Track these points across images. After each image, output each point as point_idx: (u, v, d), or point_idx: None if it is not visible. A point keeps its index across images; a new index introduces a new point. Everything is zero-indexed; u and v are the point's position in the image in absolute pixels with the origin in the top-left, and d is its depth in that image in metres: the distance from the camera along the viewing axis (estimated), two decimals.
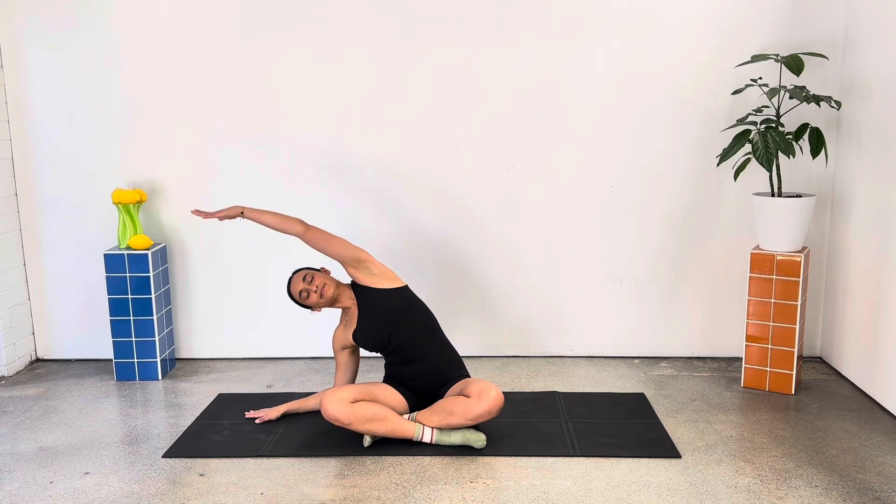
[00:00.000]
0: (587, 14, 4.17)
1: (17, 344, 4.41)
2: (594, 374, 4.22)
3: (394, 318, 3.48)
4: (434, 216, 4.38)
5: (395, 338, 3.47)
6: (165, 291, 4.35)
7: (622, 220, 4.35)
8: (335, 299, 3.52)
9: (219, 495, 2.96)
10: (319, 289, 3.48)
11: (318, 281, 3.49)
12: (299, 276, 3.53)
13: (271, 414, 3.61)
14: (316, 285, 3.48)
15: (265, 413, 3.62)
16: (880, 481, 3.01)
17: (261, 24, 4.22)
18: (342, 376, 3.65)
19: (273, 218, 3.58)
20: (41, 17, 4.22)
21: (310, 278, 3.50)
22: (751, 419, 3.61)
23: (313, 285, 3.48)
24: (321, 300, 3.48)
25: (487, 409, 3.25)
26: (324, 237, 3.54)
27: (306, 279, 3.50)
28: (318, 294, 3.48)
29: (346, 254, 3.51)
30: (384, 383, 3.51)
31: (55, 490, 3.03)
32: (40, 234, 4.44)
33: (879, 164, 3.77)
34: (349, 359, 3.65)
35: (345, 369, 3.66)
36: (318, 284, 3.49)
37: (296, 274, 3.56)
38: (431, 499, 2.91)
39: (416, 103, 4.27)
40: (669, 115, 4.24)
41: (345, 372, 3.66)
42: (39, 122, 4.32)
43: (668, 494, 2.93)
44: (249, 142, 4.32)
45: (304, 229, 3.54)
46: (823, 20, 4.12)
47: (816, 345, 4.43)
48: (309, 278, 3.50)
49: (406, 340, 3.47)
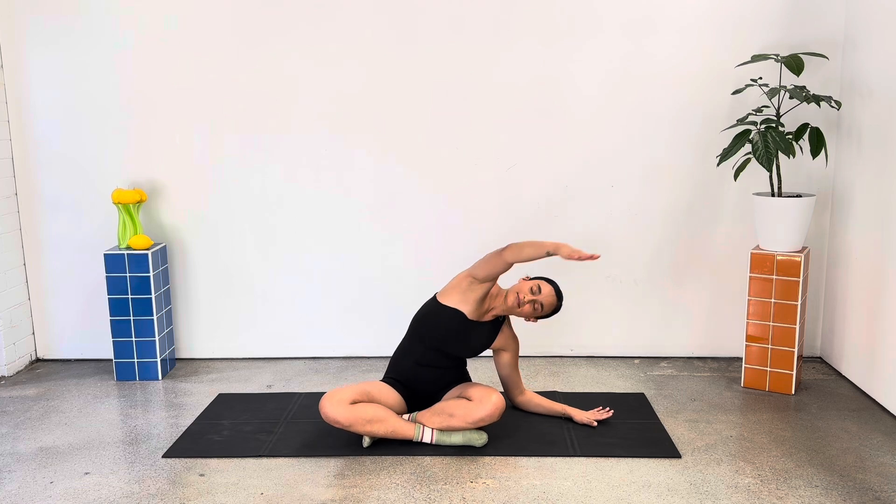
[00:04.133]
0: (587, 14, 4.17)
1: (17, 344, 4.41)
2: (594, 374, 4.22)
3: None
4: (434, 216, 4.38)
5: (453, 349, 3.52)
6: (165, 291, 4.35)
7: (622, 220, 4.35)
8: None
9: (219, 495, 2.96)
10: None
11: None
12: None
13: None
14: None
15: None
16: (880, 481, 3.01)
17: (261, 25, 4.22)
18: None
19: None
20: (41, 16, 4.22)
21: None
22: (751, 419, 3.61)
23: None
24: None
25: (489, 414, 3.25)
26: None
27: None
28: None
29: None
30: (382, 382, 3.49)
31: (55, 490, 3.03)
32: (40, 234, 4.44)
33: (879, 163, 3.77)
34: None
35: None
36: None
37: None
38: (431, 499, 2.91)
39: (416, 103, 4.27)
40: (669, 114, 4.24)
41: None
42: (39, 122, 4.32)
43: (668, 494, 2.93)
44: (249, 142, 4.32)
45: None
46: (823, 20, 4.12)
47: (816, 345, 4.43)
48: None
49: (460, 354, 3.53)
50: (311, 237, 4.41)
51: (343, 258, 4.43)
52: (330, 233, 4.40)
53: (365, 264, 4.43)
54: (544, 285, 3.47)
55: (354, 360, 4.48)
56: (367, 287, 4.45)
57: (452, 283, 3.48)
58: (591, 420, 3.51)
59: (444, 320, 3.43)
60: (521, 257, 3.35)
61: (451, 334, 3.43)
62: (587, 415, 3.54)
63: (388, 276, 4.44)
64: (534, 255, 3.33)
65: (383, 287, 4.45)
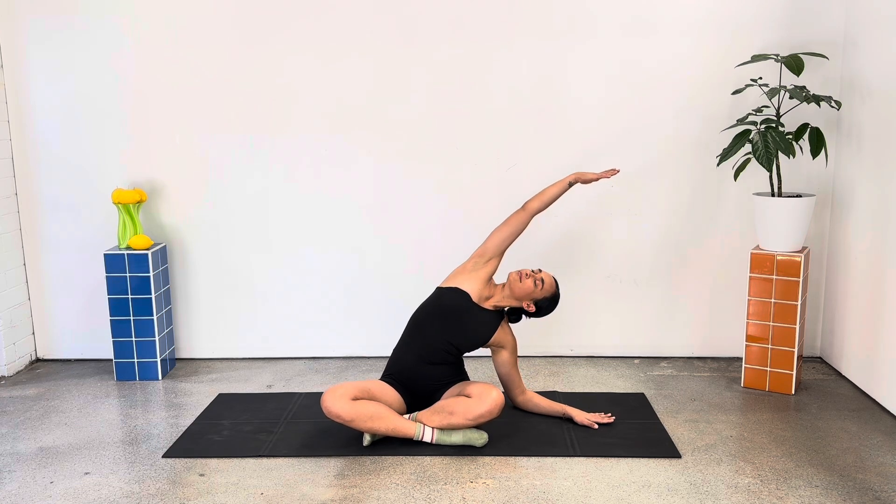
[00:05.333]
0: (588, 14, 4.17)
1: (17, 344, 4.41)
2: (594, 374, 4.22)
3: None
4: (434, 216, 4.38)
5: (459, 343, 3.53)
6: (165, 291, 4.35)
7: (622, 220, 4.35)
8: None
9: (219, 495, 2.96)
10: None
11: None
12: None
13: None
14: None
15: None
16: (880, 481, 3.01)
17: (261, 24, 4.22)
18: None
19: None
20: (41, 16, 4.22)
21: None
22: (751, 419, 3.61)
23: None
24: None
25: (489, 410, 3.25)
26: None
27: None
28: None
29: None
30: (382, 381, 3.49)
31: (55, 490, 3.03)
32: (40, 234, 4.44)
33: (879, 164, 3.77)
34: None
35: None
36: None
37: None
38: (431, 499, 2.91)
39: (416, 103, 4.27)
40: (669, 114, 4.24)
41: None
42: (39, 122, 4.32)
43: (668, 494, 2.93)
44: (249, 142, 4.32)
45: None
46: (823, 20, 4.12)
47: (816, 345, 4.43)
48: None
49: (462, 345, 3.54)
50: (312, 237, 4.41)
51: (343, 258, 4.43)
52: (330, 232, 4.40)
53: (365, 264, 4.43)
54: (543, 272, 3.56)
55: (354, 360, 4.48)
56: (368, 287, 4.45)
57: (456, 271, 3.60)
58: (592, 422, 3.51)
59: (446, 299, 3.50)
60: (545, 199, 3.59)
61: (453, 313, 3.46)
62: (588, 416, 3.54)
63: (388, 276, 4.44)
64: (557, 193, 3.61)
65: (383, 287, 4.45)
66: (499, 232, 3.61)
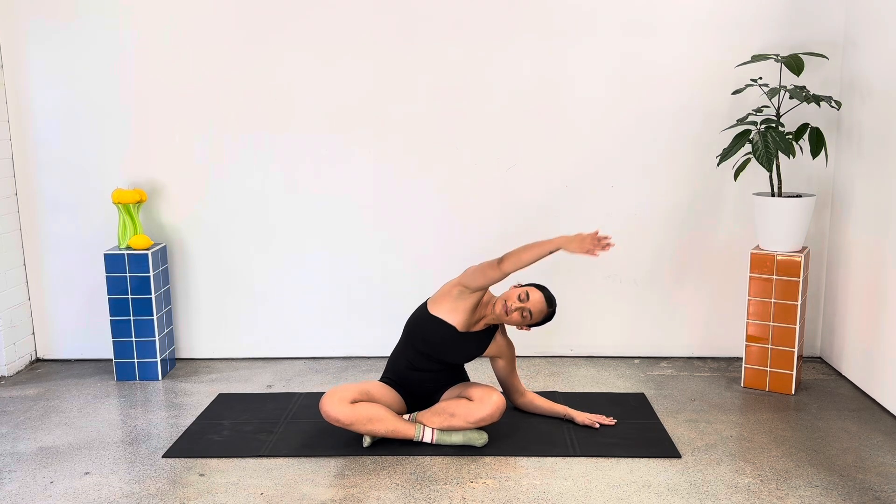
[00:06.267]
0: (588, 14, 4.17)
1: (17, 344, 4.41)
2: (594, 374, 4.22)
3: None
4: (434, 215, 4.38)
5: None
6: (165, 291, 4.35)
7: (622, 220, 4.35)
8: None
9: (219, 495, 2.96)
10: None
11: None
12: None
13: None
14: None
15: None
16: (880, 481, 3.01)
17: (261, 24, 4.22)
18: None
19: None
20: (41, 16, 4.22)
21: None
22: (751, 419, 3.61)
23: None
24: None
25: (490, 414, 3.25)
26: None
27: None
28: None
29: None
30: (381, 382, 3.49)
31: (55, 490, 3.03)
32: (40, 234, 4.44)
33: (879, 164, 3.77)
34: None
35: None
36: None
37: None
38: (431, 499, 2.91)
39: (417, 103, 4.27)
40: (670, 114, 4.24)
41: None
42: (39, 122, 4.32)
43: (668, 494, 2.93)
44: (249, 141, 4.32)
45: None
46: (823, 20, 4.12)
47: (816, 345, 4.43)
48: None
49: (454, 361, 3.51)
50: (312, 237, 4.41)
51: (343, 258, 4.43)
52: (330, 232, 4.40)
53: (365, 264, 4.43)
54: (533, 292, 3.32)
55: (354, 360, 4.48)
56: (368, 287, 4.45)
57: (443, 291, 3.40)
58: (593, 422, 3.51)
59: (433, 333, 3.38)
60: (522, 264, 3.23)
61: (442, 346, 3.40)
62: (589, 417, 3.54)
63: (388, 275, 4.44)
64: (536, 258, 3.23)
65: (383, 287, 4.45)
66: (473, 279, 3.29)
